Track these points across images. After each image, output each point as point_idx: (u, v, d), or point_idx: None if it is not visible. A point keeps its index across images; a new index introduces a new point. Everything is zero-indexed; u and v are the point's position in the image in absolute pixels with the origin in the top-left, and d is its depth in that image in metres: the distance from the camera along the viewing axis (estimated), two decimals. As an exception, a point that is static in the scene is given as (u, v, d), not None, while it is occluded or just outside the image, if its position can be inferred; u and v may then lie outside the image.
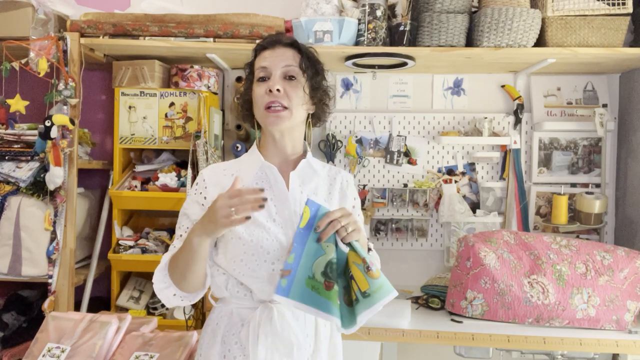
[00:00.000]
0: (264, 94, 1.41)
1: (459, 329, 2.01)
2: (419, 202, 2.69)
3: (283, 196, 1.43)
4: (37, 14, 2.24)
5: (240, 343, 1.37)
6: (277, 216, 1.40)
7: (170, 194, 2.36)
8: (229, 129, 2.71)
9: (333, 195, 1.51)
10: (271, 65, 1.42)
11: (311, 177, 1.49)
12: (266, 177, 1.45)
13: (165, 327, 2.24)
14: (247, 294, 1.39)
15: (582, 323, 2.03)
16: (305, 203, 1.36)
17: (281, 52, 1.44)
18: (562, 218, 2.53)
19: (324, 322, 1.46)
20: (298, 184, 1.46)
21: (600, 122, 2.50)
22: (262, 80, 1.43)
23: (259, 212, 1.37)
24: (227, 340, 1.39)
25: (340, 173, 1.56)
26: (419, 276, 2.65)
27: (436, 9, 2.27)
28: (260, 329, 1.35)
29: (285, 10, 2.48)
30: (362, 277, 1.27)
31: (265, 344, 1.35)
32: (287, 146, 1.48)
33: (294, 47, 1.46)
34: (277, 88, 1.39)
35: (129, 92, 2.43)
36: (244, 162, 1.50)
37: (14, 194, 2.26)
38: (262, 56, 1.46)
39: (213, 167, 1.50)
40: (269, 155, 1.48)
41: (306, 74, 1.44)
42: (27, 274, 2.24)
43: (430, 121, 2.70)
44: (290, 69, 1.42)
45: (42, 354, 1.86)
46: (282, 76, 1.42)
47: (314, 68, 1.47)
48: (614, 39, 2.27)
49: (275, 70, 1.42)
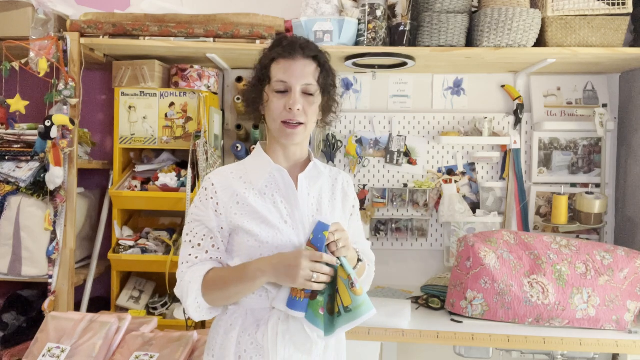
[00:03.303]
0: (283, 109, 1.41)
1: (459, 329, 2.01)
2: (419, 202, 2.69)
3: (294, 199, 1.44)
4: (37, 14, 2.24)
5: (257, 343, 1.38)
6: (289, 218, 1.42)
7: (170, 194, 2.36)
8: (229, 129, 2.71)
9: (336, 195, 1.53)
10: (291, 81, 1.41)
11: (317, 178, 1.51)
12: (275, 180, 1.46)
13: (165, 327, 2.24)
14: (263, 294, 1.40)
15: (582, 323, 2.03)
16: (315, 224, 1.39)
17: (302, 65, 1.43)
18: (562, 218, 2.53)
19: None
20: (306, 185, 1.48)
21: (600, 122, 2.49)
22: (280, 92, 1.42)
23: (271, 215, 1.41)
24: (242, 341, 1.39)
25: (340, 174, 1.59)
26: (419, 276, 2.65)
27: (436, 9, 2.27)
28: (278, 328, 1.37)
29: (285, 10, 2.47)
30: (346, 293, 1.33)
31: (283, 343, 1.37)
32: (296, 153, 1.50)
33: (315, 60, 1.45)
34: (298, 108, 1.40)
35: (129, 92, 2.43)
36: (251, 165, 1.49)
37: (14, 194, 2.26)
38: (281, 66, 1.43)
39: (220, 172, 1.49)
40: (277, 159, 1.49)
41: (323, 90, 1.46)
42: (27, 274, 2.24)
43: (430, 121, 2.70)
44: (310, 87, 1.43)
45: (42, 354, 1.86)
46: (301, 92, 1.42)
47: (331, 82, 1.49)
48: (614, 39, 2.27)
49: (295, 87, 1.41)
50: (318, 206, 1.48)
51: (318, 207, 1.47)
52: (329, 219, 1.41)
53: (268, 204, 1.42)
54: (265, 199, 1.43)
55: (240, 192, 1.43)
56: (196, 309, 1.40)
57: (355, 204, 1.61)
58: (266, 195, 1.44)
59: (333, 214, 1.49)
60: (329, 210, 1.48)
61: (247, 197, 1.42)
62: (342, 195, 1.55)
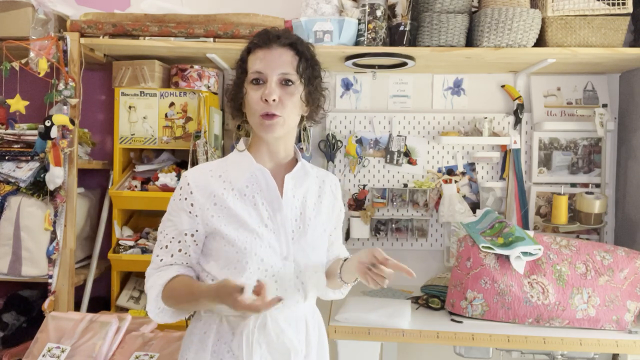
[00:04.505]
0: (259, 101, 1.33)
1: (459, 329, 2.00)
2: (419, 202, 2.69)
3: (276, 201, 1.38)
4: (37, 14, 2.24)
5: (233, 352, 1.33)
6: (269, 221, 1.37)
7: (170, 194, 2.31)
8: (229, 129, 2.71)
9: (322, 198, 1.48)
10: (267, 70, 1.33)
11: (303, 180, 1.45)
12: (257, 180, 1.39)
13: (165, 327, 2.23)
14: None
15: (582, 323, 2.03)
16: None
17: (278, 53, 1.35)
18: (562, 218, 2.53)
19: (312, 325, 1.44)
20: (291, 187, 1.42)
21: (600, 122, 2.49)
22: (256, 83, 1.35)
23: (250, 218, 1.35)
24: (217, 350, 1.35)
25: (328, 176, 1.53)
26: (419, 276, 2.61)
27: (436, 9, 2.27)
28: (254, 338, 1.32)
29: (285, 10, 2.47)
30: None
31: (259, 352, 1.32)
32: (280, 151, 1.43)
33: (292, 48, 1.36)
34: (274, 98, 1.32)
35: (129, 92, 2.43)
36: (232, 163, 1.42)
37: (14, 194, 2.26)
38: (257, 55, 1.36)
39: (198, 169, 1.42)
40: (260, 158, 1.41)
41: (303, 79, 1.36)
42: (27, 274, 2.24)
43: (430, 121, 2.70)
44: (287, 76, 1.34)
45: (42, 354, 1.86)
46: (278, 82, 1.34)
47: (311, 71, 1.39)
48: (614, 39, 2.27)
49: (271, 76, 1.33)
50: (302, 209, 1.42)
51: (302, 210, 1.42)
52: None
53: (248, 205, 1.36)
54: (245, 200, 1.36)
55: (219, 192, 1.36)
56: (157, 314, 1.35)
57: (342, 208, 1.56)
58: (246, 197, 1.37)
59: (317, 219, 1.44)
60: (312, 215, 1.43)
61: (226, 198, 1.35)
62: (330, 198, 1.50)
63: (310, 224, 1.42)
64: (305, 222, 1.42)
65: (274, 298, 1.17)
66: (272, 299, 1.17)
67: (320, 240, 1.44)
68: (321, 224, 1.45)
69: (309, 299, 1.44)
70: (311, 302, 1.47)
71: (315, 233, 1.43)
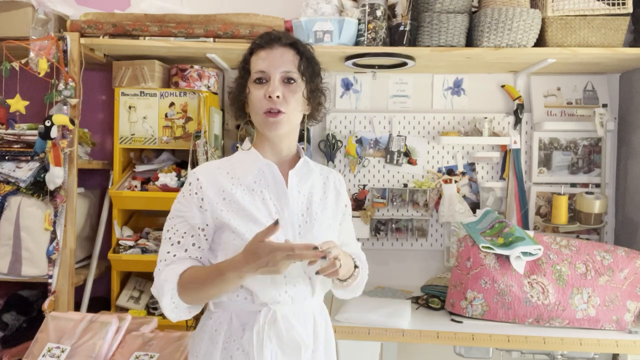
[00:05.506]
0: (263, 99, 1.38)
1: (459, 329, 2.01)
2: (419, 202, 2.69)
3: (283, 195, 1.41)
4: (37, 14, 2.24)
5: (243, 349, 1.35)
6: (277, 215, 1.39)
7: (170, 194, 2.36)
8: (229, 129, 2.71)
9: (327, 194, 1.51)
10: (270, 69, 1.38)
11: (308, 176, 1.48)
12: (264, 176, 1.43)
13: (165, 327, 2.23)
14: (248, 297, 1.37)
15: (582, 323, 2.03)
16: None
17: (280, 53, 1.40)
18: (562, 218, 2.53)
19: (319, 321, 1.46)
20: (296, 182, 1.45)
21: (600, 122, 2.49)
22: (259, 82, 1.39)
23: (259, 212, 1.37)
24: (228, 347, 1.36)
25: (331, 172, 1.56)
26: (419, 276, 2.65)
27: (436, 9, 2.27)
28: (264, 333, 1.33)
29: (285, 10, 2.47)
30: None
31: (270, 347, 1.34)
32: (284, 148, 1.46)
33: (293, 48, 1.42)
34: (277, 95, 1.36)
35: (129, 92, 2.43)
36: (238, 162, 1.45)
37: (14, 194, 2.26)
38: (259, 56, 1.41)
39: (205, 166, 1.45)
40: (265, 155, 1.45)
41: (305, 77, 1.42)
42: (27, 274, 2.24)
43: (430, 121, 2.70)
44: (289, 74, 1.39)
45: (42, 354, 1.86)
46: (281, 80, 1.39)
47: (312, 70, 1.45)
48: (614, 39, 2.27)
49: (274, 75, 1.38)
50: (308, 204, 1.45)
51: (308, 205, 1.45)
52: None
53: (256, 200, 1.39)
54: (254, 195, 1.40)
55: (227, 187, 1.39)
56: (173, 309, 1.34)
57: (348, 203, 1.58)
58: (254, 192, 1.40)
59: (323, 214, 1.46)
60: (319, 210, 1.46)
61: (234, 193, 1.38)
62: (334, 194, 1.52)
63: (317, 219, 1.44)
64: (312, 217, 1.44)
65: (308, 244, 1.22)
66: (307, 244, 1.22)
67: (327, 235, 1.45)
68: (327, 219, 1.47)
69: (317, 294, 1.45)
70: (319, 298, 1.48)
71: (322, 228, 1.45)
